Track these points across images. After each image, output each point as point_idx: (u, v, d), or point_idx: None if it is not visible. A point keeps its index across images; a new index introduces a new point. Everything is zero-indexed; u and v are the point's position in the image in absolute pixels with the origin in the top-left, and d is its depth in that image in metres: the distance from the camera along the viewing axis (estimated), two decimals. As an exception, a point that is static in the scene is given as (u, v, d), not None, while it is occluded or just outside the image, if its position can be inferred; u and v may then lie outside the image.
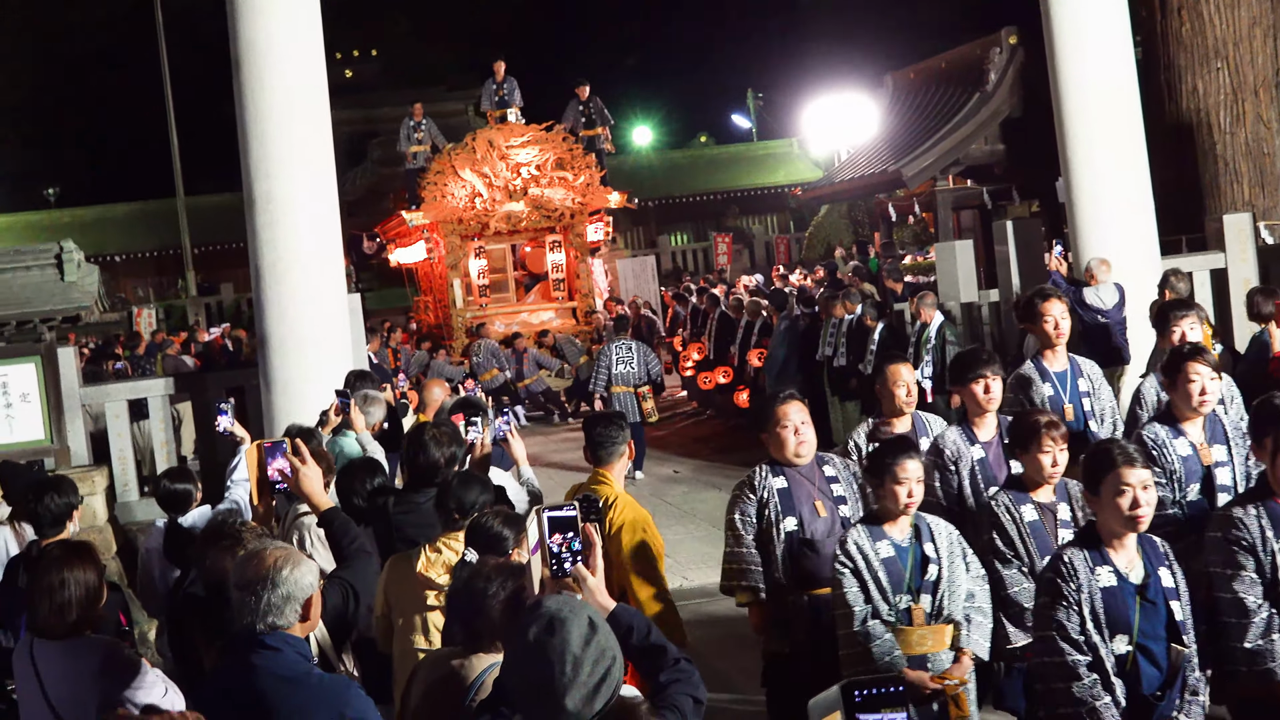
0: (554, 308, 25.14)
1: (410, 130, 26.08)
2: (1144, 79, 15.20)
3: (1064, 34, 13.56)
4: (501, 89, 25.55)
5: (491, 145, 24.35)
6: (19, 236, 40.87)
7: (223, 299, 39.30)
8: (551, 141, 24.74)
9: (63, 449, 11.70)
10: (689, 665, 3.79)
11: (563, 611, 3.15)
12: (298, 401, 10.76)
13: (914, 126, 25.33)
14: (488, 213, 24.25)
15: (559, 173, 24.57)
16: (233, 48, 11.43)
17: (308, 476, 5.55)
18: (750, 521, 6.35)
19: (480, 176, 24.18)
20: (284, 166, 11.35)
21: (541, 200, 24.41)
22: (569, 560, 3.76)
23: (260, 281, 11.52)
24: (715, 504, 14.37)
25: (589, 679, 3.08)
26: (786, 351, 17.07)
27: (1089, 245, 13.42)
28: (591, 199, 24.97)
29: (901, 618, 5.65)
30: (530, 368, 22.03)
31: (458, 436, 6.56)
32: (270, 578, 4.09)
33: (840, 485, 6.46)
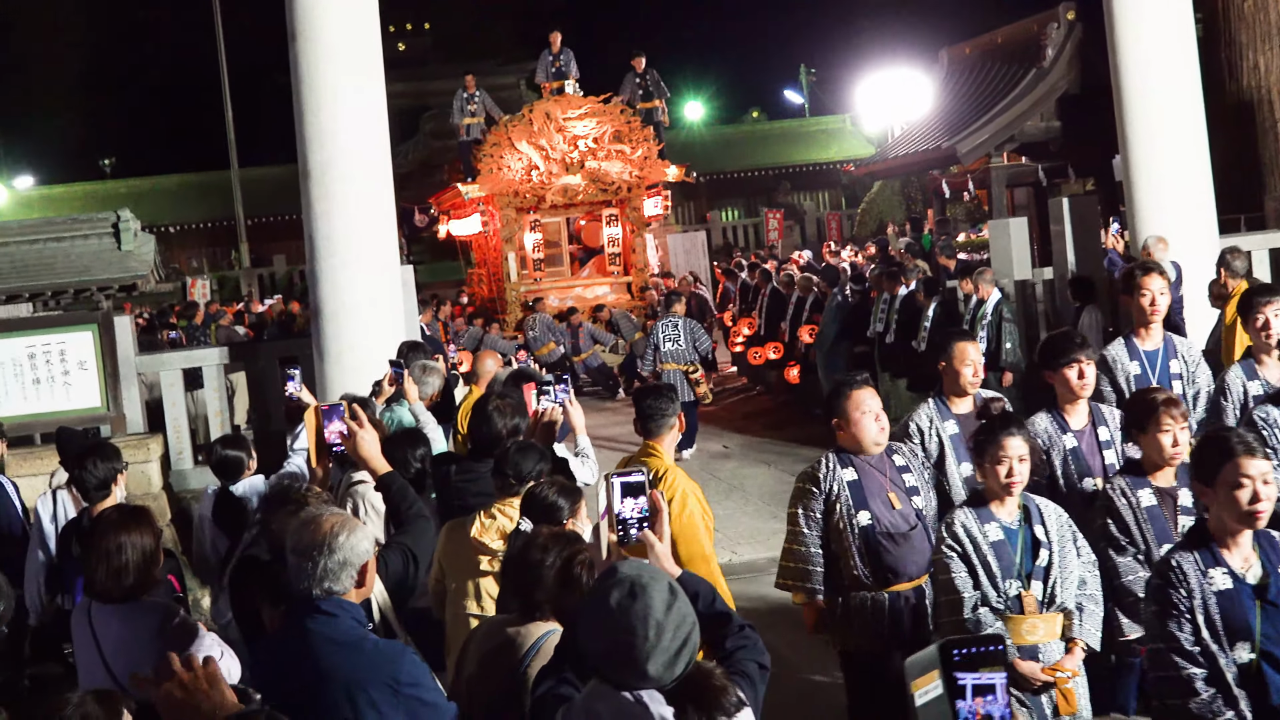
0: (609, 282, 24.83)
1: (463, 102, 25.70)
2: (1204, 55, 14.99)
3: (1123, 9, 13.39)
4: (558, 60, 25.19)
5: (548, 117, 24.11)
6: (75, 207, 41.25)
7: (275, 270, 39.60)
8: (609, 114, 24.45)
9: (118, 416, 11.82)
10: (753, 632, 3.80)
11: (643, 577, 3.18)
12: (351, 372, 10.82)
13: (969, 103, 25.12)
14: (544, 186, 24.00)
15: (616, 145, 24.29)
16: (289, 19, 11.46)
17: (365, 440, 5.55)
18: (815, 519, 6.10)
19: (537, 149, 23.93)
20: (339, 138, 11.38)
21: (598, 173, 24.16)
22: (636, 526, 3.77)
23: (314, 253, 11.57)
24: (765, 479, 14.38)
25: (671, 644, 3.11)
26: (838, 328, 17.01)
27: (1146, 223, 13.27)
28: (649, 172, 24.67)
29: (1011, 605, 5.37)
30: (586, 343, 21.88)
31: (521, 408, 6.56)
32: (327, 543, 4.12)
33: (912, 475, 6.19)
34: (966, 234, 27.78)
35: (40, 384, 11.65)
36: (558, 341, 21.75)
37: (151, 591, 5.39)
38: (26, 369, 11.62)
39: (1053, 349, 6.76)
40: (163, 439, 12.12)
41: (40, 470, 10.55)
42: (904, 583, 5.97)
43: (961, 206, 31.13)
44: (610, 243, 24.86)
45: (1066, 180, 25.18)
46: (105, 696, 3.24)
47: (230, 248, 42.92)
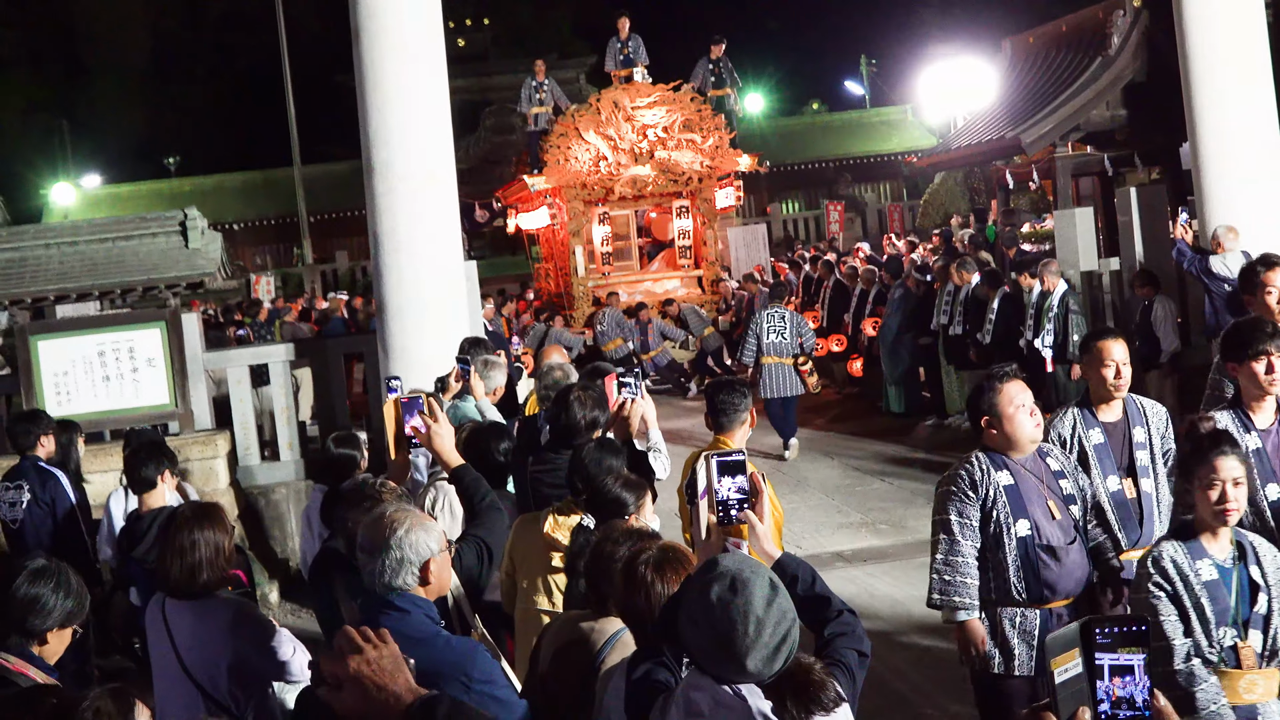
0: (679, 276, 24.28)
1: (532, 90, 25.13)
2: (1275, 41, 14.79)
3: (1192, -5, 13.25)
4: (626, 47, 24.50)
5: (616, 106, 23.47)
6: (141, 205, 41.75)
7: (338, 266, 39.87)
8: (679, 102, 23.76)
9: (186, 413, 11.94)
10: (852, 617, 3.81)
11: (744, 572, 3.17)
12: (416, 368, 10.86)
13: (1033, 92, 24.88)
14: (612, 177, 23.42)
15: (687, 135, 23.64)
16: (352, 16, 11.52)
17: (439, 434, 5.62)
18: (971, 526, 5.57)
19: (605, 139, 23.35)
20: (402, 135, 11.43)
21: (669, 164, 23.55)
22: (736, 507, 3.76)
23: (379, 249, 11.63)
24: (828, 473, 14.33)
25: (771, 639, 3.10)
26: (901, 320, 16.94)
27: (1215, 212, 13.13)
28: (720, 162, 23.97)
29: (1226, 657, 4.69)
30: (655, 339, 21.52)
31: (603, 400, 6.55)
32: (387, 540, 4.16)
33: (1068, 482, 5.69)
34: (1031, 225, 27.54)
35: (110, 381, 11.80)
36: (625, 338, 21.39)
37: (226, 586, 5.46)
38: (96, 367, 11.77)
39: (1238, 338, 6.03)
40: (230, 435, 12.24)
41: (111, 467, 10.70)
42: (1059, 600, 5.56)
43: (1026, 197, 30.86)
44: (680, 235, 24.30)
45: (1133, 170, 24.88)
46: (119, 693, 3.25)
47: (293, 244, 43.27)
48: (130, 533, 7.45)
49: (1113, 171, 23.77)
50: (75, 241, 12.22)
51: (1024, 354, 14.05)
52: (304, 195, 39.48)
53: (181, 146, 52.32)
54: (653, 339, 21.44)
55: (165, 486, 7.42)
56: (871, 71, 52.57)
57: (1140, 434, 6.30)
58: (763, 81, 52.81)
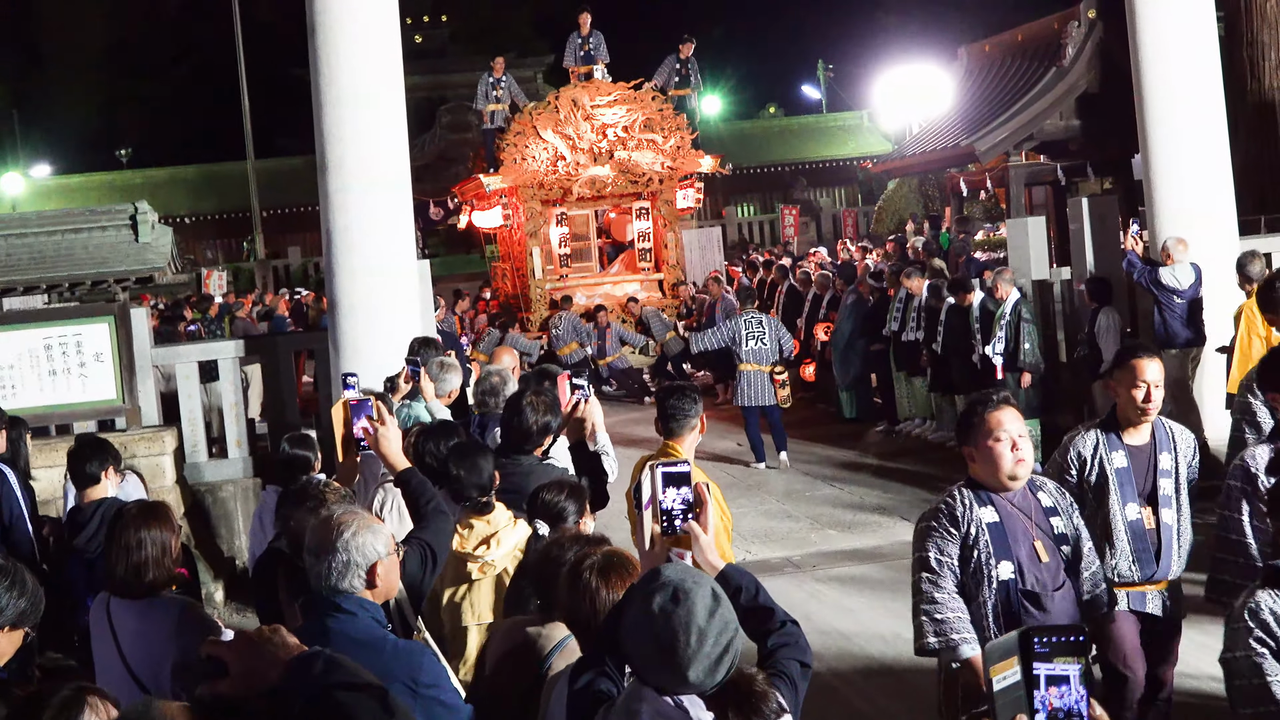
0: (639, 279, 23.74)
1: (489, 87, 24.56)
2: (1226, 55, 14.98)
3: (1145, 8, 13.40)
4: (587, 43, 24.00)
5: (576, 104, 22.90)
6: (92, 197, 41.42)
7: (290, 262, 39.64)
8: (640, 101, 23.21)
9: (133, 409, 11.85)
10: (795, 628, 3.81)
11: (687, 582, 3.17)
12: (367, 366, 10.81)
13: (988, 100, 25.05)
14: (570, 177, 22.81)
15: (647, 134, 23.09)
16: (309, 12, 11.50)
17: (387, 437, 5.60)
18: (951, 564, 5.00)
19: (563, 138, 22.81)
20: (357, 132, 11.42)
21: (628, 164, 22.93)
22: (680, 517, 3.77)
23: (331, 246, 11.61)
24: (779, 478, 14.39)
25: (713, 650, 3.10)
26: (854, 326, 17.02)
27: (1166, 224, 13.26)
28: (682, 163, 23.43)
29: None
30: (613, 344, 21.15)
31: (555, 405, 6.53)
32: (334, 543, 4.15)
33: (1061, 520, 5.14)
34: (985, 232, 27.72)
35: (56, 375, 11.69)
36: (582, 342, 20.95)
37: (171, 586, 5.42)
38: (43, 360, 11.66)
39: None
40: (177, 431, 12.15)
41: (56, 462, 10.57)
42: None
43: (980, 205, 31.06)
44: (640, 237, 23.78)
45: (1086, 179, 25.09)
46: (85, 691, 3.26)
47: (245, 239, 43.03)
48: (72, 523, 7.41)
49: (1065, 181, 23.97)
50: (23, 233, 12.09)
51: (977, 363, 14.16)
52: (257, 190, 39.26)
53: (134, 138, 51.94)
54: (610, 344, 21.06)
55: (109, 482, 7.38)
56: (828, 76, 52.79)
57: (1166, 460, 5.89)
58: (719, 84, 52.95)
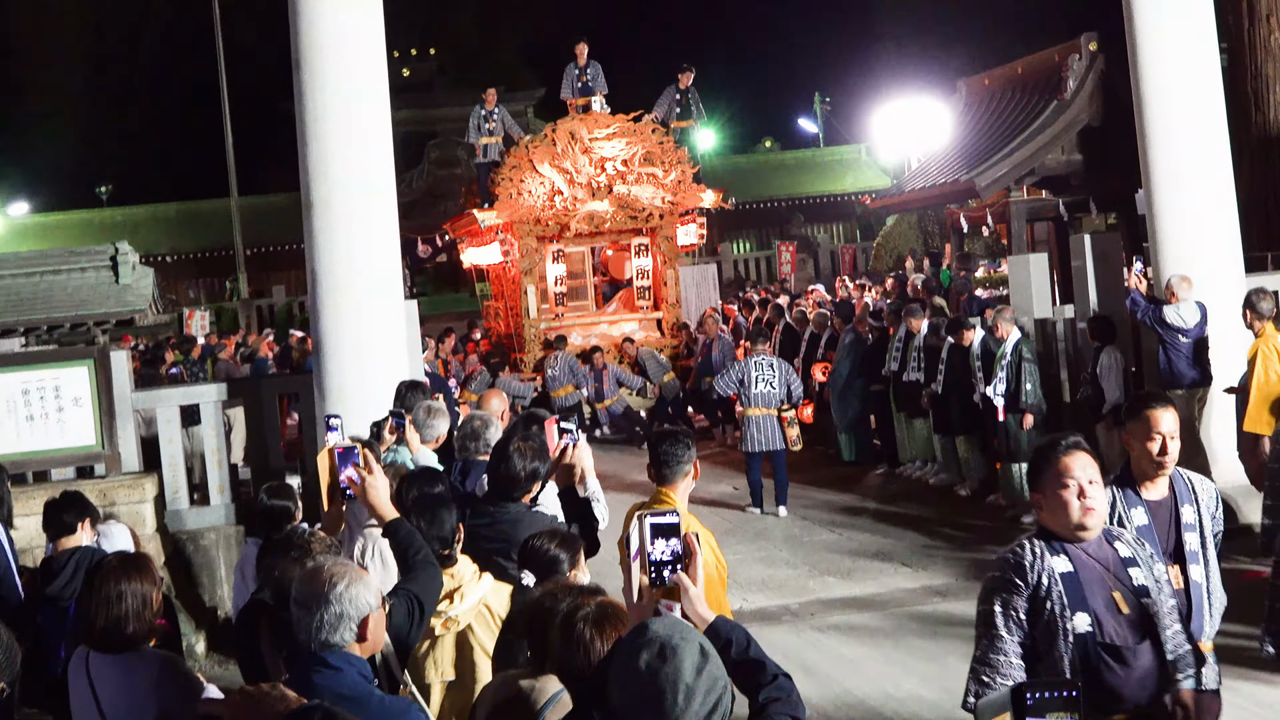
0: (637, 318, 23.27)
1: (481, 120, 24.07)
2: (1230, 88, 15.07)
3: (1147, 41, 13.48)
4: (584, 74, 23.65)
5: (573, 137, 22.50)
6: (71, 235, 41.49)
7: (274, 302, 39.70)
8: (640, 133, 22.79)
9: (113, 455, 11.84)
10: (788, 682, 3.80)
11: (674, 638, 3.17)
12: (353, 409, 10.83)
13: (988, 135, 25.21)
14: (568, 212, 22.43)
15: (648, 168, 22.72)
16: (294, 47, 11.57)
17: (374, 486, 5.60)
18: (1018, 619, 4.76)
19: (560, 172, 22.40)
20: (343, 169, 11.47)
21: (628, 199, 22.56)
22: (669, 568, 3.77)
23: (316, 286, 11.63)
24: (778, 523, 14.38)
25: (701, 708, 3.11)
26: (852, 366, 17.06)
27: (1170, 261, 13.31)
28: (683, 198, 23.09)
29: None
30: (610, 386, 20.78)
31: (543, 451, 6.53)
32: (325, 595, 4.15)
33: (1140, 571, 4.87)
34: (985, 269, 27.83)
35: (34, 421, 11.68)
36: (578, 383, 20.56)
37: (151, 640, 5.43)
38: (20, 405, 11.65)
39: None
40: (158, 478, 12.14)
41: (33, 510, 10.56)
42: (1124, 713, 4.74)
43: (981, 241, 31.20)
44: (639, 275, 23.44)
45: (1088, 215, 25.26)
46: None
47: (228, 278, 43.07)
48: (46, 571, 7.40)
49: (1068, 217, 24.10)
50: (1, 275, 12.13)
51: (978, 403, 14.19)
52: (240, 227, 39.34)
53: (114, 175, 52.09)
54: (608, 386, 20.73)
55: (84, 533, 7.39)
56: (825, 109, 53.03)
57: (1189, 514, 5.70)
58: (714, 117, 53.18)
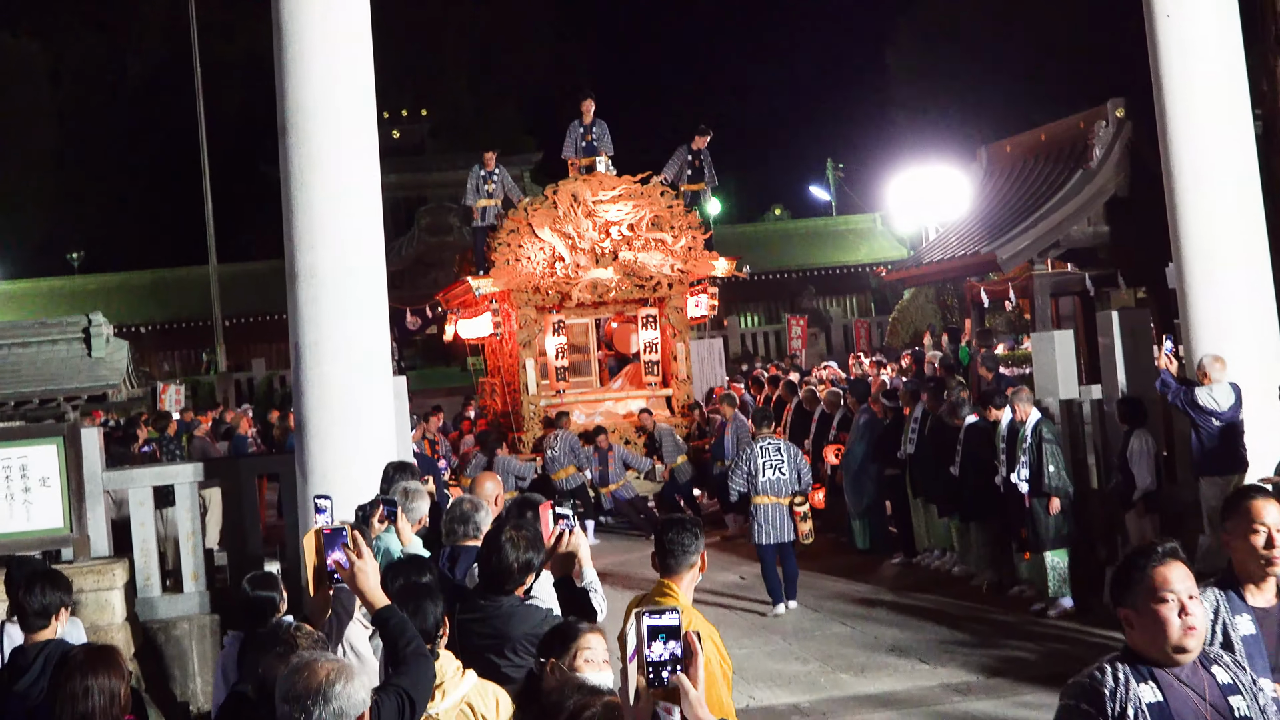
0: (644, 395, 22.83)
1: (479, 181, 23.47)
2: (1264, 156, 15.17)
3: (1176, 107, 13.57)
4: (589, 133, 23.29)
5: (576, 199, 22.00)
6: (40, 304, 41.69)
7: (253, 375, 39.74)
8: (648, 197, 22.36)
9: (82, 538, 11.83)
10: None
11: None
12: (338, 491, 10.75)
13: (1010, 204, 25.32)
14: (570, 280, 21.97)
15: (656, 234, 22.33)
16: (280, 109, 11.65)
17: (364, 571, 5.57)
18: None
19: (562, 237, 21.97)
20: (330, 238, 11.50)
21: (634, 266, 22.17)
22: (668, 669, 3.77)
23: (300, 360, 11.65)
24: (787, 615, 14.31)
25: None
26: (866, 448, 17.06)
27: (1202, 339, 13.34)
28: (694, 266, 22.71)
29: None
30: (616, 469, 20.35)
31: (537, 540, 6.52)
32: (322, 692, 4.15)
33: (1243, 701, 4.51)
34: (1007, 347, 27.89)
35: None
36: (581, 465, 20.15)
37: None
38: (-16, 485, 11.66)
39: None
40: (128, 563, 12.12)
41: (-5, 596, 10.55)
42: None
43: (1002, 317, 31.29)
44: (647, 348, 22.97)
45: (1116, 290, 25.30)
46: None
47: (205, 350, 43.16)
48: (13, 666, 7.35)
49: (1094, 291, 24.14)
50: (-34, 347, 12.17)
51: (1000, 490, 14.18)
52: (219, 296, 39.48)
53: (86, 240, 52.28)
54: (613, 469, 20.33)
55: (59, 623, 7.34)
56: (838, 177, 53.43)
57: None
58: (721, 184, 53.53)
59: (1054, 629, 12.98)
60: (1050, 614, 13.35)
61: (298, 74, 11.63)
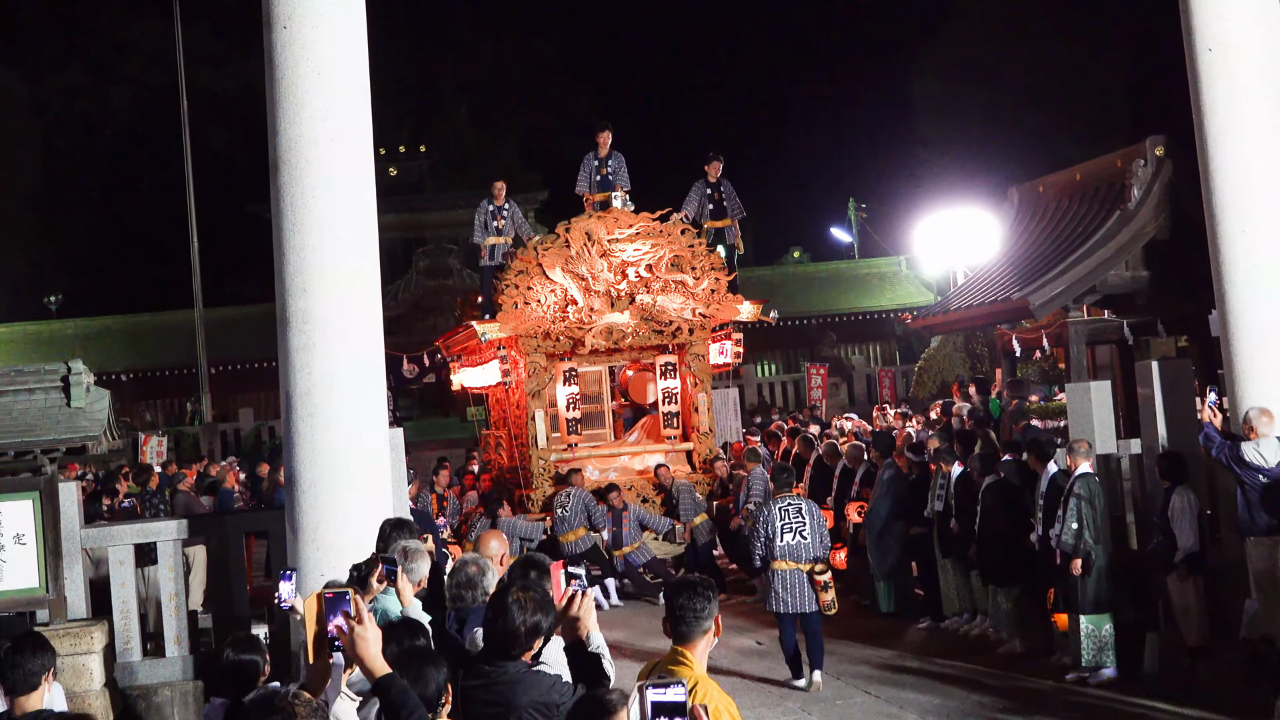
0: (662, 450, 22.39)
1: (488, 216, 23.25)
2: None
3: (1220, 146, 13.59)
4: (605, 166, 22.93)
5: (590, 238, 21.61)
6: (16, 350, 41.76)
7: (240, 426, 39.71)
8: (667, 235, 21.95)
9: (58, 599, 11.83)
10: None
11: None
12: (330, 551, 10.85)
13: (1043, 247, 25.38)
14: (583, 325, 21.51)
15: (675, 275, 21.92)
16: (271, 147, 11.69)
17: (365, 638, 5.56)
18: None
19: (575, 278, 21.53)
20: (324, 282, 11.51)
21: (652, 310, 21.72)
22: None
23: (291, 411, 11.65)
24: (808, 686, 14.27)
25: None
26: (891, 505, 17.02)
27: (1247, 391, 13.32)
28: (717, 310, 22.26)
29: None
30: (632, 530, 19.90)
31: (546, 603, 6.50)
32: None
33: None
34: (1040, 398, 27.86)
35: (-30, 560, 11.70)
36: (593, 526, 19.84)
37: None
38: (-45, 542, 11.67)
39: None
40: (108, 626, 12.12)
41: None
42: None
43: (1035, 366, 31.27)
44: (665, 398, 22.49)
45: (1156, 338, 25.30)
46: None
47: (189, 399, 43.18)
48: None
49: (1133, 340, 24.15)
50: (-62, 396, 12.21)
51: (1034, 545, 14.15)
52: (205, 342, 39.54)
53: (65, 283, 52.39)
54: (628, 530, 19.90)
55: (45, 687, 7.33)
56: (861, 217, 53.48)
57: None
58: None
59: (1092, 698, 12.93)
60: (1089, 682, 13.29)
61: (290, 107, 11.67)
